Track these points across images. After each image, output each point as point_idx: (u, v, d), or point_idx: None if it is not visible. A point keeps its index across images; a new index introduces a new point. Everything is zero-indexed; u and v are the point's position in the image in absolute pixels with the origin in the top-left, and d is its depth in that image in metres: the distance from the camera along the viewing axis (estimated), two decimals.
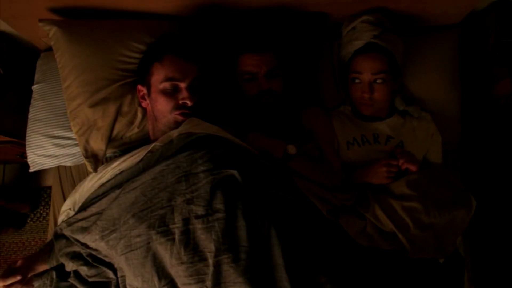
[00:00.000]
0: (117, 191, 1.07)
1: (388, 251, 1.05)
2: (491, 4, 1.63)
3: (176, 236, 0.92)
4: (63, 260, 1.10)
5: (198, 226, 0.92)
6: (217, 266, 0.87)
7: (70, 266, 1.09)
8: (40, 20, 1.32)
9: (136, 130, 1.36)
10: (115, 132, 1.34)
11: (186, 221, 0.93)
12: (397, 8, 1.49)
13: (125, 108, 1.33)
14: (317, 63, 1.55)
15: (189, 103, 1.20)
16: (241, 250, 0.88)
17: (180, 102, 1.20)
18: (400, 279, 1.03)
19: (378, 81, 1.34)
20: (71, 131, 1.37)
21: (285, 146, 1.21)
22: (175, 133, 1.13)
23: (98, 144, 1.32)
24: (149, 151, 1.13)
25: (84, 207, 1.15)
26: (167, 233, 0.93)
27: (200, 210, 0.93)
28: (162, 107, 1.21)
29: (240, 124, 1.36)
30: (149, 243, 0.95)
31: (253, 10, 1.44)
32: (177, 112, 1.20)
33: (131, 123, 1.35)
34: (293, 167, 1.22)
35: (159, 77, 1.21)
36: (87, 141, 1.32)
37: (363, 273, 0.98)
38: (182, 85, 1.20)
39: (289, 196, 1.01)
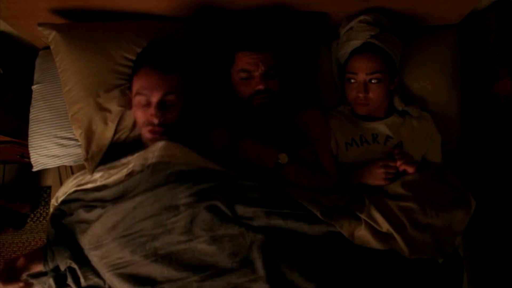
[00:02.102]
0: (101, 211, 1.09)
1: (385, 252, 1.05)
2: (491, 4, 1.63)
3: (159, 258, 0.98)
4: (55, 249, 1.11)
5: (181, 247, 0.98)
6: (202, 282, 0.93)
7: (63, 257, 1.10)
8: (40, 24, 1.32)
9: (137, 131, 1.36)
10: (116, 135, 1.33)
11: (169, 245, 0.99)
12: (397, 8, 1.49)
13: (127, 112, 1.33)
14: (316, 63, 1.55)
15: (155, 121, 1.16)
16: (224, 266, 0.95)
17: (149, 118, 1.18)
18: (398, 280, 1.03)
19: (373, 81, 1.33)
20: (73, 131, 1.37)
21: (277, 155, 1.20)
22: (153, 158, 1.10)
23: (99, 147, 1.32)
24: (128, 174, 1.13)
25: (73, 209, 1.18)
26: (149, 256, 0.99)
27: (182, 237, 0.99)
28: (137, 120, 1.23)
29: (236, 126, 1.35)
30: (131, 265, 1.00)
31: (253, 8, 1.44)
32: (148, 128, 1.19)
33: (133, 125, 1.35)
34: (285, 175, 1.21)
35: (134, 90, 1.21)
36: (89, 144, 1.32)
37: (359, 274, 0.99)
38: (153, 99, 1.17)
39: (276, 213, 1.03)
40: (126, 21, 1.39)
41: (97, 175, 1.20)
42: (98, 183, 1.17)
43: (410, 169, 1.22)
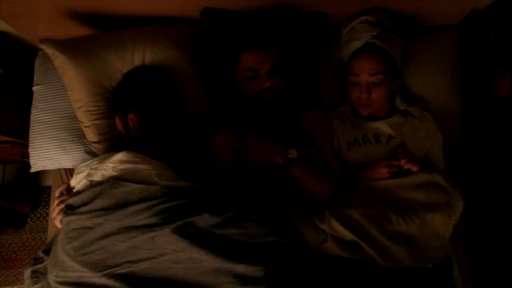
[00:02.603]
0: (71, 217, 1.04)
1: (360, 260, 1.01)
2: (491, 4, 1.63)
3: (119, 277, 0.92)
4: None
5: (143, 266, 0.93)
6: None
7: None
8: (41, 41, 1.32)
9: None
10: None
11: (131, 262, 0.94)
12: (397, 8, 1.49)
13: None
14: (317, 63, 1.55)
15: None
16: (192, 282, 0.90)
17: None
18: (384, 285, 1.00)
19: (375, 82, 1.33)
20: (75, 134, 1.40)
21: (287, 151, 1.19)
22: (113, 171, 1.05)
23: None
24: (93, 186, 1.07)
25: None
26: (111, 275, 0.93)
27: (145, 254, 0.94)
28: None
29: (240, 126, 1.35)
30: (93, 284, 0.94)
31: (253, 8, 1.44)
32: None
33: None
34: (293, 172, 1.21)
35: None
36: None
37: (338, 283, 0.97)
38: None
39: (242, 229, 0.95)
40: (127, 29, 1.39)
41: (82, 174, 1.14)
42: (79, 185, 1.12)
43: (414, 168, 1.22)
